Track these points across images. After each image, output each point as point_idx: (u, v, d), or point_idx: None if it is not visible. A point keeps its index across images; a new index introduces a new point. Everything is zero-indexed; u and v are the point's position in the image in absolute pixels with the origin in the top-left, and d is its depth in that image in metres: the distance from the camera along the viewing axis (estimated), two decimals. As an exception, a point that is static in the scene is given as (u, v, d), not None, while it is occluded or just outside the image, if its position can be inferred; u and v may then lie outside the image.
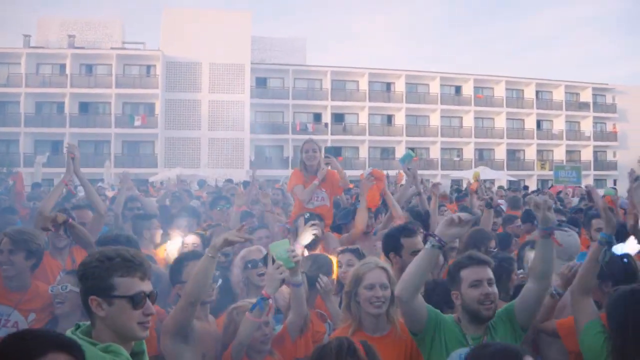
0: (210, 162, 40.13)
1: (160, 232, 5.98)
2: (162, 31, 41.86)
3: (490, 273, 3.17)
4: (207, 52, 41.25)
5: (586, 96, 49.23)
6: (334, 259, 4.37)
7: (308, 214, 5.36)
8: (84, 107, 40.79)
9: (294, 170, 6.62)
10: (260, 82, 44.37)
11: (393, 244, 4.14)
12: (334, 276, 4.24)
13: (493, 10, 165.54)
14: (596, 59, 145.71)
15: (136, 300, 2.26)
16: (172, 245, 5.08)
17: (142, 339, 2.34)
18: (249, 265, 4.23)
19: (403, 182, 6.07)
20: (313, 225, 4.59)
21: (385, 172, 7.63)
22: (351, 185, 15.60)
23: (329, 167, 6.53)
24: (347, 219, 6.50)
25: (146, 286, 2.32)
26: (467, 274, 3.15)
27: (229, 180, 17.67)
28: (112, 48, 41.56)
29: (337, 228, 6.45)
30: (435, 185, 6.65)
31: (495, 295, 3.13)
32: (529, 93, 48.22)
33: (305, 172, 6.35)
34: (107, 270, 2.25)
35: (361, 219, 5.71)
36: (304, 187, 6.28)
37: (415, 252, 3.85)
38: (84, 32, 42.34)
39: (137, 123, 40.16)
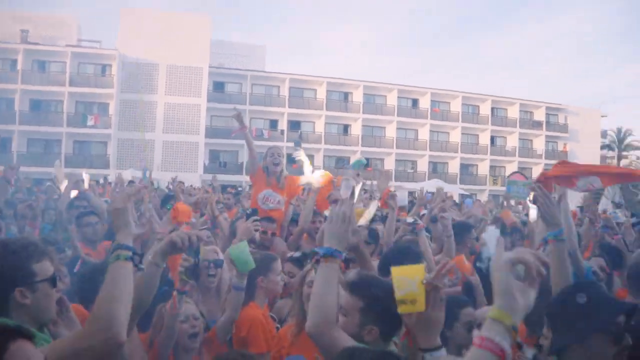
0: (164, 165, 39.84)
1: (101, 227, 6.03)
2: (120, 31, 41.35)
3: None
4: (164, 53, 40.90)
5: (540, 115, 50.16)
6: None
7: (250, 210, 5.57)
8: (36, 104, 40.01)
9: (259, 168, 6.80)
10: (218, 87, 44.21)
11: None
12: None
13: (454, 29, 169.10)
14: (550, 81, 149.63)
15: (54, 280, 2.34)
16: None
17: (55, 320, 2.43)
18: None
19: (342, 184, 5.88)
20: (255, 222, 4.63)
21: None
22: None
23: (298, 158, 6.80)
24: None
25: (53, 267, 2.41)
26: None
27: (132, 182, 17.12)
28: (67, 45, 40.87)
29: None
30: (392, 196, 6.18)
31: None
32: (485, 109, 48.94)
33: (267, 175, 6.66)
34: (26, 259, 2.26)
35: (304, 218, 5.79)
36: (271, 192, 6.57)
37: None
38: (38, 28, 41.49)
39: (90, 123, 39.63)
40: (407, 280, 2.20)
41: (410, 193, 15.08)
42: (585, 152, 49.41)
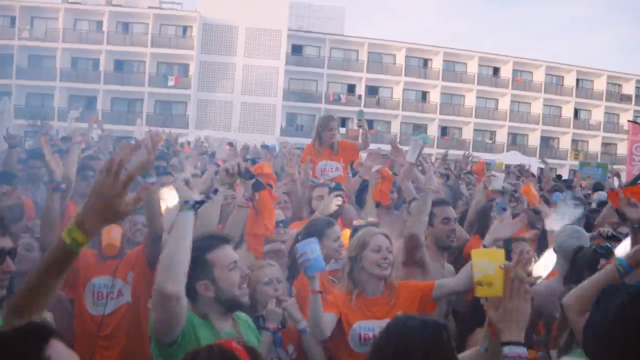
0: (241, 127, 40.08)
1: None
2: (200, -8, 41.50)
3: None
4: (244, 15, 40.78)
5: (629, 88, 47.66)
6: (347, 232, 4.17)
7: (334, 183, 5.31)
8: (119, 64, 40.87)
9: (307, 145, 6.73)
10: (296, 49, 43.93)
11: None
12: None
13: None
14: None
15: None
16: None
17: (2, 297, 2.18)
18: None
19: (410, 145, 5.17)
20: (338, 195, 4.55)
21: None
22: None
23: (361, 130, 6.59)
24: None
25: (5, 242, 2.19)
26: None
27: (265, 146, 16.48)
28: (149, 7, 41.33)
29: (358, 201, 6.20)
30: (489, 177, 5.63)
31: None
32: (569, 80, 46.84)
33: (318, 145, 6.48)
34: None
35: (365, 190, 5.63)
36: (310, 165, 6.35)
37: (446, 220, 4.15)
38: (122, -11, 42.09)
39: (170, 83, 40.35)
40: (485, 263, 2.23)
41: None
42: (676, 128, 46.93)
